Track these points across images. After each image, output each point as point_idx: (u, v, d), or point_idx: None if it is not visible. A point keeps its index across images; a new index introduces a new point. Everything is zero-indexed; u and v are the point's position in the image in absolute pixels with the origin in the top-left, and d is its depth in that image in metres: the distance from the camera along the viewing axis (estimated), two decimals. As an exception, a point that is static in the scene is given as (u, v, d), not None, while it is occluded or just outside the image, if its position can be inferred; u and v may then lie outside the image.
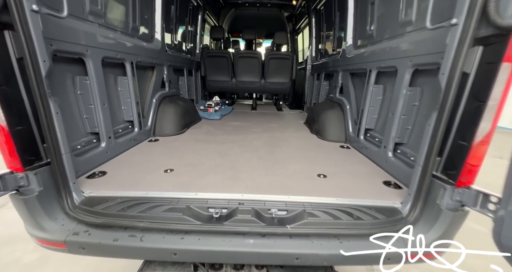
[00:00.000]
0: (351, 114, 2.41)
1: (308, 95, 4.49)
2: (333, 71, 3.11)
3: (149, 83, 2.51)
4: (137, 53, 2.08)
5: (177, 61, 3.21)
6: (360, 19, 2.36)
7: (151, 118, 2.41)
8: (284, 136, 2.61)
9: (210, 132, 2.69)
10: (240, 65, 4.24)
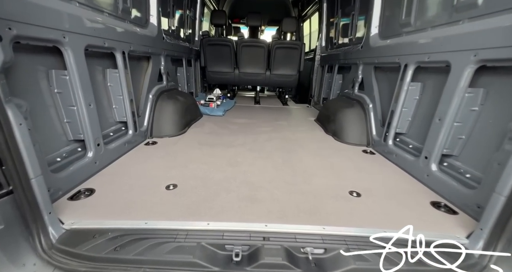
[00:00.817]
0: (375, 114, 2.14)
1: (316, 88, 4.18)
2: (349, 64, 2.80)
3: (144, 76, 2.18)
4: (129, 41, 1.74)
5: (175, 50, 2.85)
6: (390, 4, 2.03)
7: (147, 117, 2.10)
8: (297, 137, 2.35)
9: (215, 132, 2.40)
10: (244, 55, 3.88)
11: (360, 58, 2.45)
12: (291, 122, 3.03)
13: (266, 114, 3.44)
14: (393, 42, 1.90)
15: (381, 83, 2.16)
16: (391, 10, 2.03)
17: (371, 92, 2.23)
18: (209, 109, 3.21)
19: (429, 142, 1.40)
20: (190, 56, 3.61)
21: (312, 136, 2.43)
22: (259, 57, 3.90)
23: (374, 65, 2.18)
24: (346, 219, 1.09)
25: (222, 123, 2.78)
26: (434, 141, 1.36)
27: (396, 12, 1.92)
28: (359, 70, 2.46)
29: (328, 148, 2.08)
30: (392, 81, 1.98)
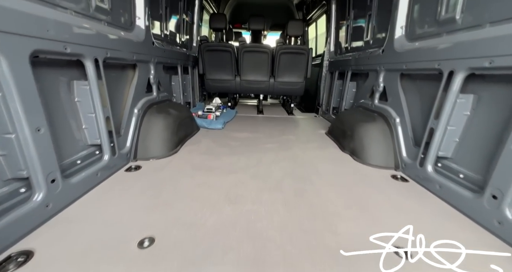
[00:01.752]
0: (404, 130, 1.77)
1: (325, 96, 3.84)
2: (366, 70, 2.45)
3: (129, 87, 1.85)
4: (105, 46, 1.42)
5: (169, 57, 2.54)
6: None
7: (131, 135, 1.75)
8: (309, 157, 1.98)
9: (212, 151, 2.05)
10: (246, 61, 3.57)
11: (381, 63, 2.10)
12: (300, 136, 2.67)
13: (270, 126, 3.09)
14: (428, 44, 1.55)
15: (410, 94, 1.80)
16: (423, 6, 1.69)
17: (397, 104, 1.87)
18: (207, 121, 2.87)
19: (499, 177, 1.03)
20: (187, 63, 3.30)
21: (327, 154, 2.07)
22: (262, 63, 3.59)
23: (400, 72, 1.83)
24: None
25: (221, 139, 2.43)
26: (508, 176, 0.99)
27: (430, 7, 1.58)
28: (379, 78, 2.11)
29: (349, 172, 1.70)
30: (426, 92, 1.62)
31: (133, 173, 1.56)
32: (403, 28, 1.85)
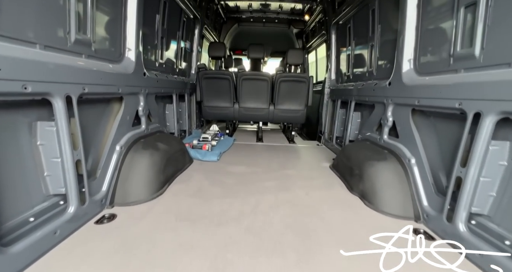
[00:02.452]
0: (422, 173, 1.54)
1: (327, 124, 3.68)
2: (371, 102, 2.30)
3: (112, 121, 1.67)
4: (83, 81, 1.27)
5: (163, 86, 2.42)
6: (431, 31, 1.58)
7: (109, 177, 1.53)
8: (313, 200, 1.73)
9: (202, 192, 1.80)
10: (245, 89, 3.48)
11: (388, 96, 1.95)
12: (302, 170, 2.44)
13: (270, 157, 2.87)
14: (443, 80, 1.39)
15: (426, 132, 1.61)
16: (433, 39, 1.57)
17: (410, 142, 1.67)
18: (201, 153, 2.66)
19: None
20: (184, 91, 3.20)
21: (333, 197, 1.82)
22: (262, 90, 3.49)
23: (412, 108, 1.66)
24: None
25: (215, 174, 2.20)
26: None
27: (442, 41, 1.46)
28: (387, 111, 1.94)
29: (362, 223, 1.44)
30: (446, 131, 1.43)
31: (104, 226, 1.31)
32: (411, 61, 1.72)
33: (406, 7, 1.69)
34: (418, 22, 1.66)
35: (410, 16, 1.70)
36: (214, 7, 4.28)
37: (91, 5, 1.35)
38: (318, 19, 4.22)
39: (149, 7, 2.09)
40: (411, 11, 1.69)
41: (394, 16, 2.01)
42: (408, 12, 1.70)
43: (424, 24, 1.63)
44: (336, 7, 3.19)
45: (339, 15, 3.11)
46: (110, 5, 1.59)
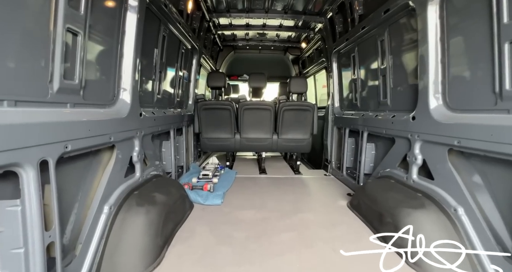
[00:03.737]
0: (476, 228, 1.30)
1: (334, 153, 3.48)
2: (390, 135, 2.13)
3: (100, 175, 1.38)
4: (65, 138, 1.01)
5: (160, 124, 2.18)
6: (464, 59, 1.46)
7: (92, 251, 1.20)
8: (346, 266, 1.42)
9: (208, 258, 1.47)
10: (247, 119, 3.28)
11: (414, 132, 1.77)
12: (319, 213, 2.16)
13: (278, 195, 2.58)
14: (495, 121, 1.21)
15: (470, 176, 1.40)
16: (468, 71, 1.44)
17: (452, 186, 1.45)
18: (202, 195, 2.34)
19: None
20: (181, 124, 2.96)
21: (367, 254, 1.52)
22: (265, 120, 3.30)
23: (449, 147, 1.47)
24: None
25: (221, 225, 1.88)
26: None
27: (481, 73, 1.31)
28: (415, 149, 1.75)
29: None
30: (503, 180, 1.22)
31: None
32: (440, 95, 1.57)
33: (427, 37, 1.58)
34: (443, 52, 1.54)
35: (432, 45, 1.58)
36: (211, 36, 4.25)
37: (81, 44, 1.14)
38: (316, 47, 4.24)
39: (148, 42, 1.93)
40: (432, 40, 1.58)
41: (410, 47, 1.92)
42: (430, 42, 1.59)
43: (452, 52, 1.51)
44: (337, 37, 3.17)
45: (341, 44, 3.07)
46: (104, 42, 1.39)
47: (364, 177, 2.57)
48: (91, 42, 1.23)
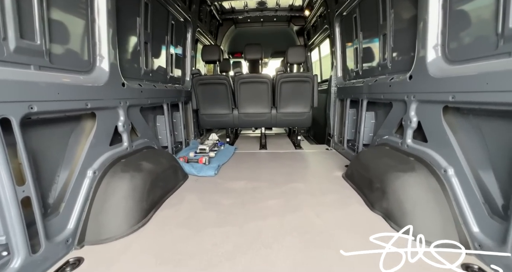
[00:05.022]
0: (464, 188, 1.20)
1: (336, 126, 3.34)
2: (388, 100, 1.98)
3: (83, 142, 1.43)
4: (29, 98, 1.03)
5: (150, 97, 2.18)
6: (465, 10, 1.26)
7: (78, 211, 1.28)
8: (328, 225, 1.41)
9: (192, 221, 1.52)
10: (244, 93, 3.21)
11: (409, 92, 1.62)
12: (311, 183, 2.12)
13: (274, 168, 2.57)
14: (492, 67, 1.06)
15: (465, 134, 1.27)
16: (468, 16, 1.24)
17: (444, 147, 1.33)
18: (196, 167, 2.39)
19: None
20: (178, 99, 2.96)
21: (351, 218, 1.49)
22: (262, 94, 3.21)
23: (444, 105, 1.33)
24: None
25: (211, 194, 1.92)
26: None
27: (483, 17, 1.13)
28: (410, 111, 1.61)
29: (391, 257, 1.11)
30: (499, 135, 1.09)
31: (64, 278, 1.05)
32: (439, 47, 1.39)
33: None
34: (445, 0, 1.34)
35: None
36: (207, 9, 4.06)
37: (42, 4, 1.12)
38: (319, 13, 3.92)
39: (127, 9, 1.87)
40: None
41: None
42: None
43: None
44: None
45: (343, 5, 2.80)
46: (70, 4, 1.36)
47: (363, 148, 2.46)
48: (53, 2, 1.20)
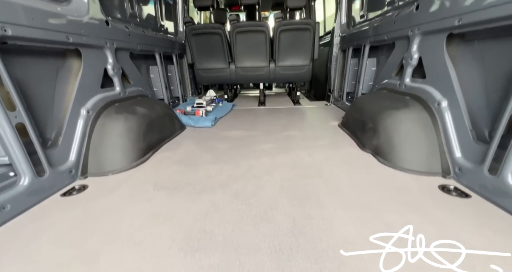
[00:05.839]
0: (456, 118, 1.20)
1: (337, 80, 3.24)
2: (391, 39, 1.85)
3: (73, 81, 1.42)
4: (1, 19, 0.98)
5: (139, 42, 2.08)
6: None
7: (77, 145, 1.34)
8: (317, 161, 1.47)
9: (190, 158, 1.59)
10: (240, 45, 3.03)
11: (414, 25, 1.50)
12: (306, 131, 2.15)
13: (271, 121, 2.58)
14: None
15: (465, 64, 1.21)
16: None
17: (442, 80, 1.29)
18: (193, 119, 2.41)
19: None
20: (172, 51, 2.83)
21: (340, 156, 1.54)
22: (260, 45, 3.03)
23: (448, 33, 1.24)
24: None
25: (207, 140, 1.97)
26: None
27: None
28: (412, 46, 1.52)
29: (374, 183, 1.18)
30: (499, 57, 1.04)
31: (71, 198, 1.14)
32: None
33: None
34: None
35: None
36: None
37: None
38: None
39: None
40: None
41: None
42: None
43: None
44: None
45: None
46: None
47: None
48: None
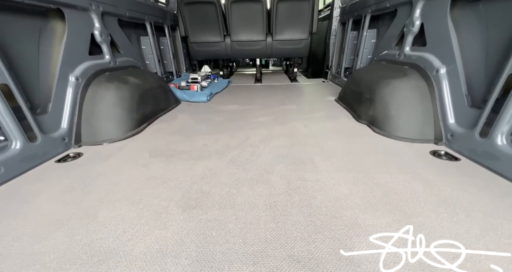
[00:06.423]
0: (453, 84, 1.19)
1: (335, 56, 3.16)
2: (393, 6, 1.78)
3: (58, 45, 1.34)
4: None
5: (127, 8, 1.95)
6: None
7: (68, 113, 1.30)
8: (313, 132, 1.48)
9: (185, 129, 1.58)
10: (235, 17, 2.88)
11: (417, -11, 1.43)
12: (303, 105, 2.13)
13: (267, 96, 2.54)
14: None
15: (468, 28, 1.18)
16: None
17: (442, 47, 1.26)
18: (188, 93, 2.36)
19: None
20: (163, 22, 2.68)
21: (336, 127, 1.55)
22: (256, 17, 2.89)
23: (453, -5, 1.19)
24: None
25: (203, 114, 1.94)
26: None
27: None
28: (415, 12, 1.46)
29: (367, 150, 1.20)
30: (502, 18, 1.01)
31: (66, 164, 1.14)
32: None
33: None
34: None
35: None
36: None
37: None
38: None
39: None
40: None
41: None
42: None
43: None
44: None
45: None
46: None
47: (359, 72, 2.37)
48: None
